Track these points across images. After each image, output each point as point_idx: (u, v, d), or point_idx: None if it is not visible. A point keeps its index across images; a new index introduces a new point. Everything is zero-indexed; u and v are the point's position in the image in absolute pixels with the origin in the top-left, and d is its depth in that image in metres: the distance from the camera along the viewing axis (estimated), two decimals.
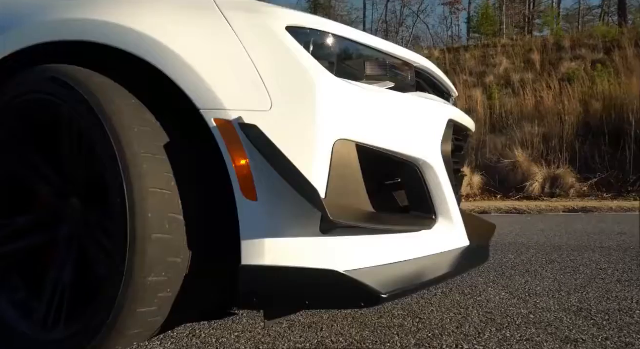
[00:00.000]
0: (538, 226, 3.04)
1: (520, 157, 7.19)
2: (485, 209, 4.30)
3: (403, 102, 1.11)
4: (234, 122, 0.88)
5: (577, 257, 1.93)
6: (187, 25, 0.94)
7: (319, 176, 0.91)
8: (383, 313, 1.23)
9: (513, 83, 9.75)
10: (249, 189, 0.88)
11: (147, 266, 0.85)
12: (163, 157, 0.90)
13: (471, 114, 8.76)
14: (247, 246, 0.88)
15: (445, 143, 1.20)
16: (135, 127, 0.88)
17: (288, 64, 0.93)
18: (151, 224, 0.84)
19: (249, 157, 0.88)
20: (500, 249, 2.18)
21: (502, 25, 17.94)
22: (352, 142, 0.97)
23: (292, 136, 0.90)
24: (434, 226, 1.12)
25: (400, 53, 1.21)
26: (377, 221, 1.00)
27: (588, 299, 1.32)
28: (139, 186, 0.84)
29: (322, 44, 1.03)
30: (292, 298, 0.88)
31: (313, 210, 0.87)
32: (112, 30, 0.91)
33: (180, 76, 0.90)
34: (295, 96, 0.92)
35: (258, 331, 1.12)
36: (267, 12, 0.97)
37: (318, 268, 0.87)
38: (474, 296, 1.37)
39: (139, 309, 0.86)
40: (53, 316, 0.96)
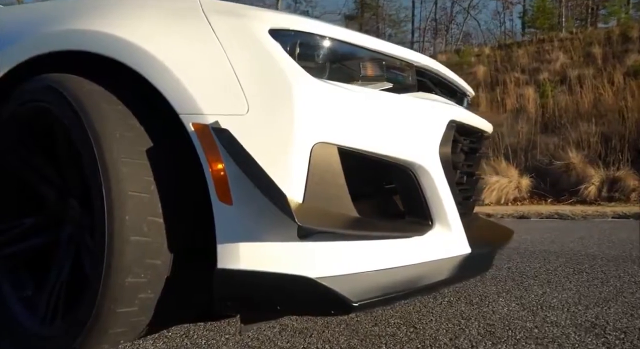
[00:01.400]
0: (578, 232, 2.84)
1: (575, 159, 6.78)
2: (524, 213, 4.07)
3: (396, 103, 1.08)
4: (210, 126, 0.89)
5: (611, 268, 1.78)
6: (170, 30, 0.96)
7: (297, 179, 0.90)
8: (379, 321, 1.20)
9: (569, 79, 9.22)
10: (225, 193, 0.89)
11: (125, 267, 0.87)
12: (144, 162, 0.92)
13: (521, 113, 8.41)
14: (223, 250, 0.89)
15: (445, 145, 1.15)
16: (117, 133, 0.91)
17: (266, 67, 0.93)
18: (129, 227, 0.87)
19: (224, 161, 0.88)
20: (527, 257, 2.06)
21: (560, 18, 17.01)
22: (333, 145, 0.95)
23: (269, 140, 0.90)
24: (427, 232, 1.08)
25: (399, 53, 1.17)
26: (360, 226, 0.97)
27: (607, 314, 1.21)
28: (118, 190, 0.87)
29: (309, 46, 1.02)
30: (264, 303, 0.87)
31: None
32: (93, 38, 0.95)
33: (161, 81, 0.92)
34: (272, 99, 0.91)
35: (248, 334, 1.12)
36: (250, 15, 0.97)
37: (290, 273, 0.86)
38: (480, 307, 1.30)
39: (118, 309, 0.89)
40: (51, 313, 1.01)
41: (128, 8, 1.01)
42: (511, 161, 7.11)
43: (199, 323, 1.22)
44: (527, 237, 2.68)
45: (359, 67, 1.11)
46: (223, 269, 0.88)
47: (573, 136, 7.23)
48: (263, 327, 1.18)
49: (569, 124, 7.64)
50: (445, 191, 1.12)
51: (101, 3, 1.04)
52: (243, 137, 0.88)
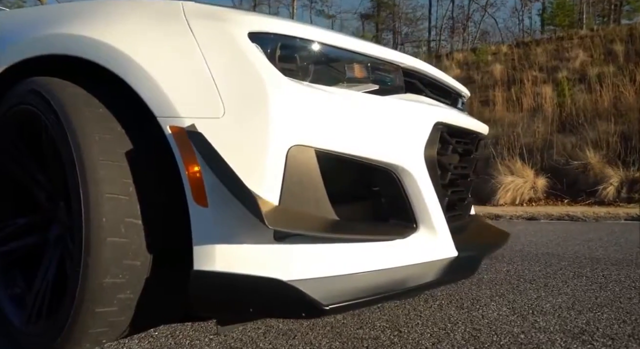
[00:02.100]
0: (587, 235, 2.77)
1: (593, 159, 6.63)
2: (534, 214, 3.99)
3: (378, 105, 1.07)
4: (185, 129, 0.89)
5: (613, 272, 1.74)
6: (150, 33, 0.97)
7: (272, 182, 0.90)
8: (364, 324, 1.19)
9: (588, 78, 9.01)
10: (200, 196, 0.90)
11: (102, 268, 0.89)
12: (122, 164, 0.93)
13: (537, 113, 8.25)
14: (199, 252, 0.90)
15: (430, 147, 1.14)
16: (97, 135, 0.92)
17: (243, 70, 0.93)
18: (106, 228, 0.88)
19: (200, 164, 0.89)
20: (528, 260, 2.02)
21: (581, 15, 16.63)
22: (310, 148, 0.95)
23: (244, 142, 0.90)
24: (410, 235, 1.07)
25: (384, 54, 1.17)
26: (337, 229, 0.97)
27: (599, 320, 1.18)
28: (95, 192, 0.88)
29: (290, 48, 1.02)
30: (237, 305, 0.88)
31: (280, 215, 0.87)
32: (75, 42, 0.97)
33: (139, 84, 0.93)
34: (247, 102, 0.91)
35: (232, 335, 1.13)
36: (229, 19, 0.98)
37: (262, 275, 0.87)
38: (470, 310, 1.29)
39: (97, 309, 0.91)
40: (36, 311, 1.03)
41: (111, 12, 1.03)
42: (527, 161, 6.98)
43: (187, 323, 1.23)
44: (532, 240, 2.63)
45: (344, 69, 1.10)
46: (199, 270, 0.89)
47: (591, 136, 7.07)
48: (248, 328, 1.18)
49: (587, 123, 7.47)
50: (430, 194, 1.11)
51: (85, 7, 1.06)
52: (218, 140, 0.89)
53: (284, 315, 0.90)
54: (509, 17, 28.13)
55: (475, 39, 18.18)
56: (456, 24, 20.26)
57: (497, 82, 10.26)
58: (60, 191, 1.06)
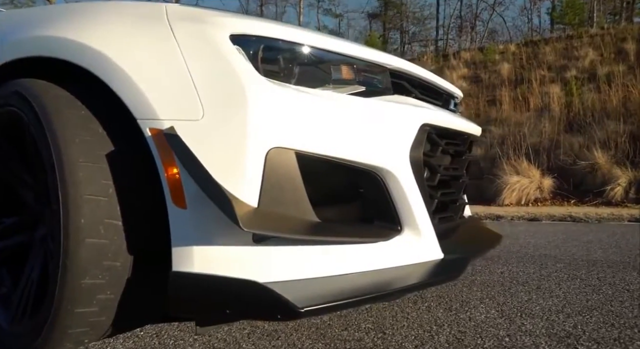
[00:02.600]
0: (587, 236, 2.73)
1: (600, 159, 6.56)
2: (536, 215, 3.94)
3: (362, 107, 1.06)
4: (162, 131, 0.90)
5: (608, 275, 1.71)
6: (132, 36, 0.98)
7: (251, 184, 0.90)
8: (350, 325, 1.19)
9: (598, 77, 8.91)
10: (179, 197, 0.90)
11: (81, 268, 0.89)
12: (103, 165, 0.94)
13: (544, 112, 8.18)
14: (177, 253, 0.90)
15: (416, 149, 1.13)
16: (77, 137, 0.93)
17: (223, 72, 0.93)
18: (85, 229, 0.89)
19: (178, 166, 0.89)
20: (524, 261, 2.00)
21: (591, 13, 16.43)
22: (290, 150, 0.95)
23: (223, 145, 0.90)
24: (393, 237, 1.07)
25: (371, 56, 1.16)
26: (317, 231, 0.96)
27: (587, 324, 1.16)
28: (74, 193, 0.89)
29: (273, 51, 1.02)
30: (214, 306, 0.88)
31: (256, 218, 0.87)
32: (59, 44, 0.98)
33: (120, 87, 0.94)
34: (226, 104, 0.92)
35: (217, 336, 1.14)
36: (211, 21, 0.98)
37: (239, 277, 0.87)
38: (458, 313, 1.28)
39: (77, 310, 0.91)
40: (21, 311, 1.04)
41: (94, 14, 1.04)
42: (533, 161, 6.92)
43: (173, 323, 1.24)
44: (531, 241, 2.61)
45: (329, 71, 1.10)
46: (177, 271, 0.89)
47: (599, 135, 6.99)
48: (233, 328, 1.19)
49: (596, 123, 7.38)
50: (415, 196, 1.10)
51: (69, 9, 1.07)
52: (197, 142, 0.89)
53: (259, 317, 0.90)
54: (518, 15, 27.74)
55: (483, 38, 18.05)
56: (464, 23, 20.14)
57: (505, 81, 10.18)
58: (45, 192, 1.07)
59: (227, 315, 0.88)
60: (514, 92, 9.38)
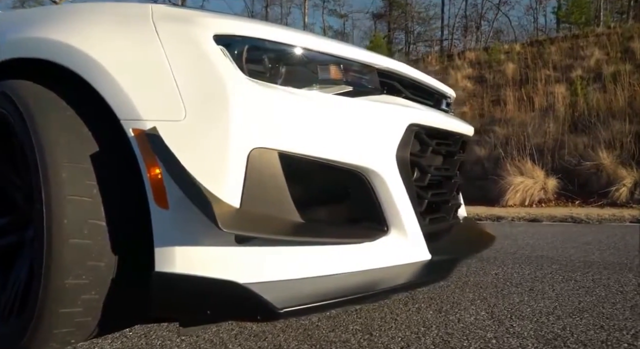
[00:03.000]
0: (586, 237, 2.70)
1: (605, 159, 6.50)
2: (536, 216, 3.91)
3: (347, 107, 1.06)
4: (144, 131, 0.90)
5: (603, 276, 1.69)
6: (117, 37, 0.98)
7: (233, 185, 0.90)
8: (337, 326, 1.19)
9: (604, 77, 8.84)
10: (161, 198, 0.90)
11: (64, 269, 0.89)
12: (87, 166, 0.94)
13: (548, 112, 8.12)
14: (160, 254, 0.90)
15: (403, 149, 1.13)
16: (61, 138, 0.93)
17: (205, 72, 0.93)
18: (68, 230, 0.89)
19: (160, 166, 0.89)
20: (520, 263, 1.98)
21: (598, 12, 16.30)
22: (273, 150, 0.95)
23: (204, 145, 0.90)
24: (379, 238, 1.06)
25: (359, 56, 1.16)
26: (300, 232, 0.96)
27: (576, 326, 1.15)
28: (57, 193, 0.89)
29: (258, 51, 1.01)
30: (195, 307, 0.88)
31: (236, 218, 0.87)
32: (44, 46, 0.98)
33: (104, 87, 0.94)
34: (209, 104, 0.92)
35: (204, 336, 1.14)
36: (195, 22, 0.98)
37: (219, 278, 0.87)
38: (447, 314, 1.27)
39: (61, 310, 0.92)
40: (8, 310, 1.05)
41: (81, 15, 1.04)
42: (537, 162, 6.87)
43: (163, 324, 1.24)
44: (529, 242, 2.59)
45: (316, 71, 1.10)
46: (160, 272, 0.90)
47: (604, 136, 6.93)
48: (222, 329, 1.19)
49: (601, 123, 7.33)
50: (402, 196, 1.10)
51: (57, 11, 1.08)
52: (179, 143, 0.89)
53: (240, 318, 0.90)
54: (524, 15, 27.41)
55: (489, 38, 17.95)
56: (469, 23, 20.05)
57: (509, 81, 10.13)
58: (32, 192, 1.08)
59: (208, 316, 0.88)
60: (518, 92, 9.33)
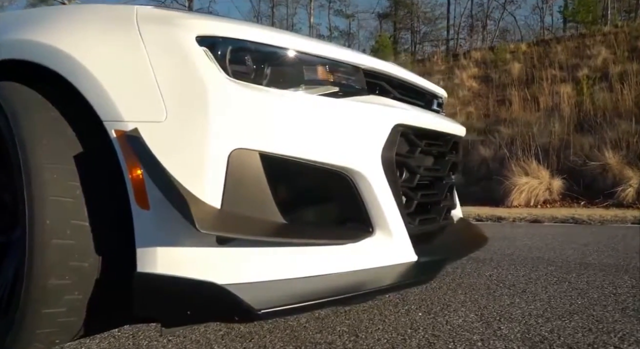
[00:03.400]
0: (586, 239, 2.68)
1: (611, 159, 6.45)
2: (537, 217, 3.87)
3: (331, 107, 1.06)
4: (125, 132, 0.90)
5: (598, 278, 1.68)
6: (101, 38, 0.98)
7: (213, 186, 0.91)
8: (325, 327, 1.19)
9: (611, 76, 8.76)
10: (142, 199, 0.90)
11: (47, 269, 0.90)
12: (70, 167, 0.95)
13: (554, 112, 8.06)
14: (141, 254, 0.90)
15: (389, 150, 1.12)
16: (44, 139, 0.94)
17: (187, 73, 0.93)
18: (50, 230, 0.90)
19: (142, 167, 0.90)
20: (516, 264, 1.97)
21: (605, 11, 16.15)
22: (254, 151, 0.95)
23: (185, 146, 0.91)
24: (363, 240, 1.06)
25: (345, 56, 1.15)
26: (282, 233, 0.96)
27: (565, 328, 1.14)
28: (39, 194, 0.90)
29: (241, 52, 1.01)
30: (176, 308, 0.88)
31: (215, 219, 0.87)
32: (30, 47, 0.99)
33: (87, 88, 0.95)
34: (189, 105, 0.92)
35: (191, 337, 1.14)
36: (178, 23, 0.98)
37: (199, 278, 0.87)
38: (437, 316, 1.26)
39: (44, 310, 0.92)
40: None
41: (68, 17, 1.05)
42: (542, 162, 6.83)
43: (152, 324, 1.24)
44: (527, 243, 2.56)
45: (302, 72, 1.10)
46: (141, 272, 0.90)
47: (610, 136, 6.87)
48: (209, 330, 1.19)
49: (607, 123, 7.26)
50: (387, 197, 1.10)
51: (45, 13, 1.09)
52: (160, 144, 0.90)
53: (218, 319, 0.90)
54: (531, 14, 26.98)
55: (495, 38, 17.83)
56: (475, 23, 19.94)
57: (515, 81, 10.07)
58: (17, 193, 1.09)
59: (189, 317, 0.88)
60: (524, 91, 9.27)
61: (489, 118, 8.91)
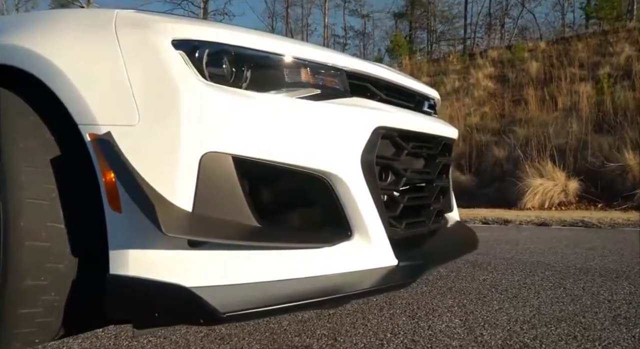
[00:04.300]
0: (592, 243, 2.60)
1: (632, 160, 6.28)
2: (545, 220, 3.78)
3: (307, 110, 1.05)
4: (97, 135, 0.92)
5: (595, 284, 1.63)
6: (79, 43, 1.00)
7: (185, 190, 0.91)
8: (305, 331, 1.18)
9: (634, 74, 8.52)
10: (115, 201, 0.91)
11: (21, 270, 0.92)
12: (47, 170, 0.96)
13: (571, 112, 7.87)
14: (114, 256, 0.92)
15: (369, 152, 1.11)
16: (22, 143, 0.96)
17: (160, 78, 0.94)
18: (25, 232, 0.92)
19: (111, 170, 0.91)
20: (512, 268, 1.93)
21: (631, 6, 15.69)
22: (227, 155, 0.95)
23: (156, 149, 0.91)
24: (340, 243, 1.05)
25: (325, 58, 1.15)
26: (254, 237, 0.96)
27: (549, 335, 1.11)
28: (14, 197, 0.92)
29: (219, 55, 1.01)
30: (145, 310, 0.89)
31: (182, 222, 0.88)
32: (12, 52, 1.01)
33: (64, 93, 0.96)
34: (161, 109, 0.92)
35: (171, 338, 1.15)
36: (153, 27, 0.99)
37: (168, 281, 0.87)
38: (420, 321, 1.24)
39: (20, 310, 0.94)
40: None
41: (51, 22, 1.07)
42: (558, 163, 6.69)
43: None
44: (530, 247, 2.51)
45: (282, 75, 1.09)
46: (114, 275, 0.91)
47: (631, 136, 6.69)
48: (191, 331, 1.20)
49: (628, 122, 7.07)
50: (366, 201, 1.08)
51: (31, 17, 1.11)
52: (132, 147, 0.91)
53: (185, 321, 0.91)
54: (551, 11, 26.00)
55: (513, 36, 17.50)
56: (493, 21, 19.61)
57: (532, 80, 9.88)
58: None
59: (157, 319, 0.89)
60: (541, 91, 9.09)
61: (504, 118, 8.76)
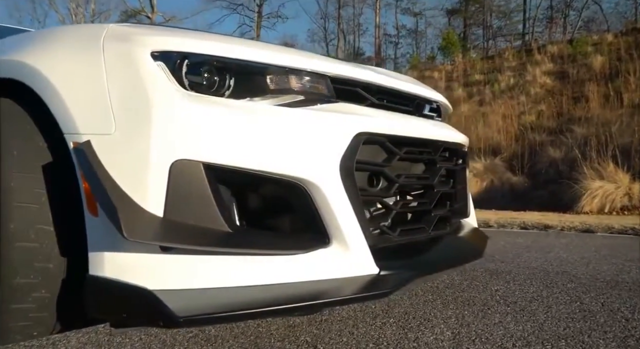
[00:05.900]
0: (634, 253, 2.38)
1: None
2: (591, 226, 3.49)
3: (284, 117, 1.06)
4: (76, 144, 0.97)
5: (618, 299, 1.49)
6: (69, 56, 1.06)
7: (155, 196, 0.94)
8: (288, 336, 1.18)
9: None
10: (92, 205, 0.97)
11: (12, 269, 0.99)
12: (37, 176, 1.03)
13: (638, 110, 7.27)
14: (92, 258, 0.97)
15: (349, 159, 1.10)
16: (15, 150, 1.04)
17: (136, 88, 0.98)
18: (14, 234, 0.99)
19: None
20: (532, 279, 1.80)
21: None
22: (198, 162, 0.97)
23: (129, 157, 0.95)
24: (315, 251, 1.04)
25: (308, 65, 1.14)
26: (223, 242, 0.97)
27: None
28: (5, 201, 0.99)
29: (197, 65, 1.04)
30: (114, 311, 0.93)
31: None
32: (11, 66, 1.10)
33: (53, 103, 1.03)
34: (135, 118, 0.96)
35: (161, 337, 1.19)
36: (134, 40, 1.03)
37: (134, 283, 0.91)
38: (409, 332, 1.20)
39: (12, 306, 1.01)
40: None
41: (50, 38, 1.15)
42: (620, 164, 6.22)
43: None
44: (562, 256, 2.33)
45: (265, 82, 1.10)
46: (92, 276, 0.96)
47: None
48: (181, 332, 1.24)
49: None
50: (344, 208, 1.07)
51: (34, 36, 1.20)
52: (108, 155, 0.95)
53: (148, 323, 0.94)
54: (623, 0, 23.82)
55: (576, 29, 16.41)
56: (555, 14, 18.48)
57: (595, 75, 9.23)
58: None
59: (125, 319, 0.93)
60: (605, 87, 8.48)
61: (561, 117, 8.26)
